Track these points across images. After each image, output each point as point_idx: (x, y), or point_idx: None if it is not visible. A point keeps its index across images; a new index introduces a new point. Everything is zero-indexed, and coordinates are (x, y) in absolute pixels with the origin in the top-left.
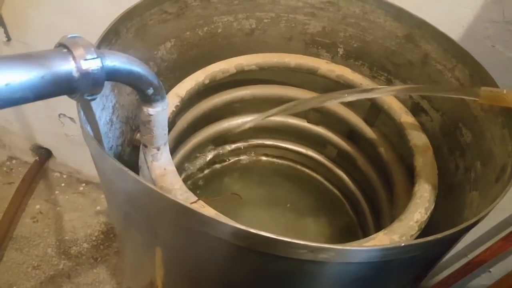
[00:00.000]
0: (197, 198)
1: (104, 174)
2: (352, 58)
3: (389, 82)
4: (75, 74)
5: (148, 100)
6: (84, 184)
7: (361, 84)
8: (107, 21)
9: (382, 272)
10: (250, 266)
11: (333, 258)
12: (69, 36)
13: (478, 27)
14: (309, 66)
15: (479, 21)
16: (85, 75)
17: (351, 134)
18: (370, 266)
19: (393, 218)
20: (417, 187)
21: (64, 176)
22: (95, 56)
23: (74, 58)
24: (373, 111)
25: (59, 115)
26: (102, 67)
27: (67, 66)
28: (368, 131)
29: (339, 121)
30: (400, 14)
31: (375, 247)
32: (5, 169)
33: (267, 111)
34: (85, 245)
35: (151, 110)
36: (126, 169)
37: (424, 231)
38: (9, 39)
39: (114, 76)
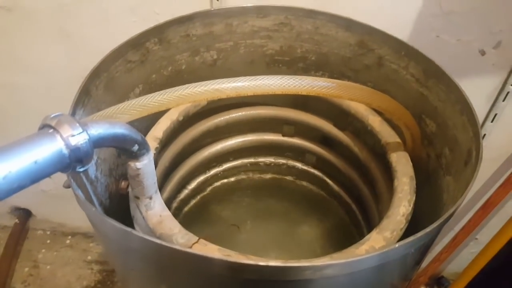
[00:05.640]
0: (198, 238)
1: (105, 235)
2: (312, 69)
3: None
4: (65, 152)
5: (134, 156)
6: (70, 237)
7: None
8: (70, 76)
9: (385, 270)
10: None
11: (339, 272)
12: (51, 115)
13: (422, 22)
14: None
15: (422, 17)
16: (75, 150)
17: (326, 140)
18: (376, 268)
19: (379, 213)
20: (396, 182)
21: (48, 233)
22: (81, 131)
23: (61, 136)
24: (343, 116)
25: None
26: (89, 139)
27: (56, 146)
28: (341, 136)
29: (312, 130)
30: (350, 24)
31: (373, 254)
32: None
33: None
34: None
35: (138, 164)
36: (129, 229)
37: (410, 220)
38: None
39: (100, 143)
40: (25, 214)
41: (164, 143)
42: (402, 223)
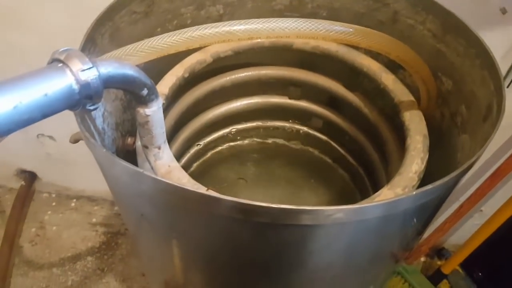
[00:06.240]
0: (206, 188)
1: (116, 179)
2: None
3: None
4: (75, 87)
5: (144, 101)
6: (75, 200)
7: (336, 51)
8: (70, 34)
9: (394, 223)
10: (269, 240)
11: (351, 218)
12: (60, 49)
13: None
14: (284, 42)
15: None
16: (85, 86)
17: (333, 103)
18: (387, 219)
19: (388, 175)
20: (409, 140)
21: (53, 196)
22: (91, 66)
23: (71, 71)
24: (353, 76)
25: (37, 135)
26: (99, 75)
27: (66, 80)
28: (351, 96)
29: (320, 92)
30: None
31: (387, 200)
32: None
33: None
34: (89, 258)
35: (147, 111)
36: (141, 170)
37: (422, 180)
38: None
39: (110, 82)
40: (30, 177)
41: (170, 100)
42: (414, 180)
